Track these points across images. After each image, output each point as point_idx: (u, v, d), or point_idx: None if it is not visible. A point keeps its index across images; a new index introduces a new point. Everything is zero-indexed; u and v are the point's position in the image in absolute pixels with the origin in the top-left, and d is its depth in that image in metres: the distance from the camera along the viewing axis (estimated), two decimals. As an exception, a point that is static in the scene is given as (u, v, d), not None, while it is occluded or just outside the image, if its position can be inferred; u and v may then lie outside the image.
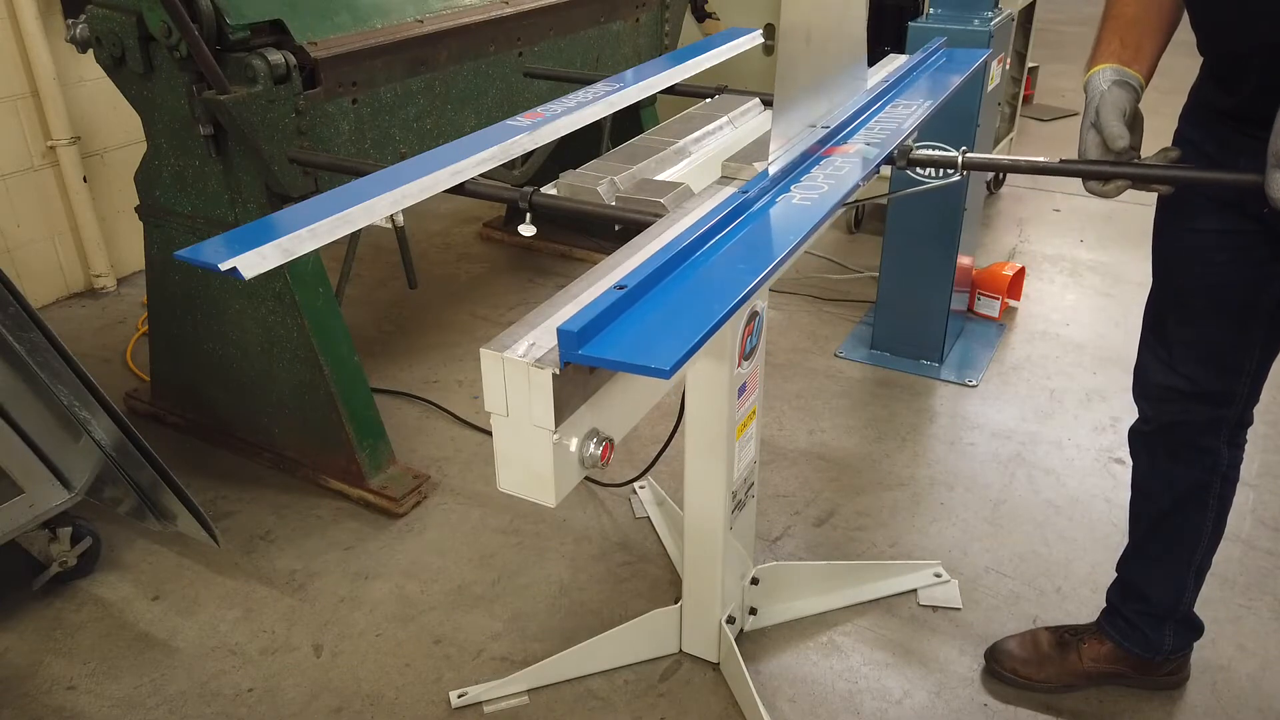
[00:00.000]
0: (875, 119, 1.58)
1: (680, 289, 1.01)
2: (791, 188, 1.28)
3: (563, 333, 0.87)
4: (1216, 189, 1.43)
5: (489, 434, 0.97)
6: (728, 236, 1.14)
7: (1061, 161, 1.38)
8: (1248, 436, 1.69)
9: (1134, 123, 1.33)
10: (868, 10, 1.55)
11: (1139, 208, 4.22)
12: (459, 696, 1.87)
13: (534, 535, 2.32)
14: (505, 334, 0.95)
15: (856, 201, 3.35)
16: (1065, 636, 1.89)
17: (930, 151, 1.49)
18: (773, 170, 1.29)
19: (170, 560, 2.26)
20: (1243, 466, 1.71)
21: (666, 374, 0.85)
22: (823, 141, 1.42)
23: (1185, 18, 1.42)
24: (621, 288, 0.95)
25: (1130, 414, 1.74)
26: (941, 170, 2.82)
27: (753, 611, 1.99)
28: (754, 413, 1.79)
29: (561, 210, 1.43)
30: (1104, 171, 1.33)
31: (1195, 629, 1.83)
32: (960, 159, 1.45)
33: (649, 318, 0.95)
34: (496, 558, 2.25)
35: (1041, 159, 1.42)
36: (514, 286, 3.64)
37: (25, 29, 3.18)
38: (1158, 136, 1.35)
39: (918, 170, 2.76)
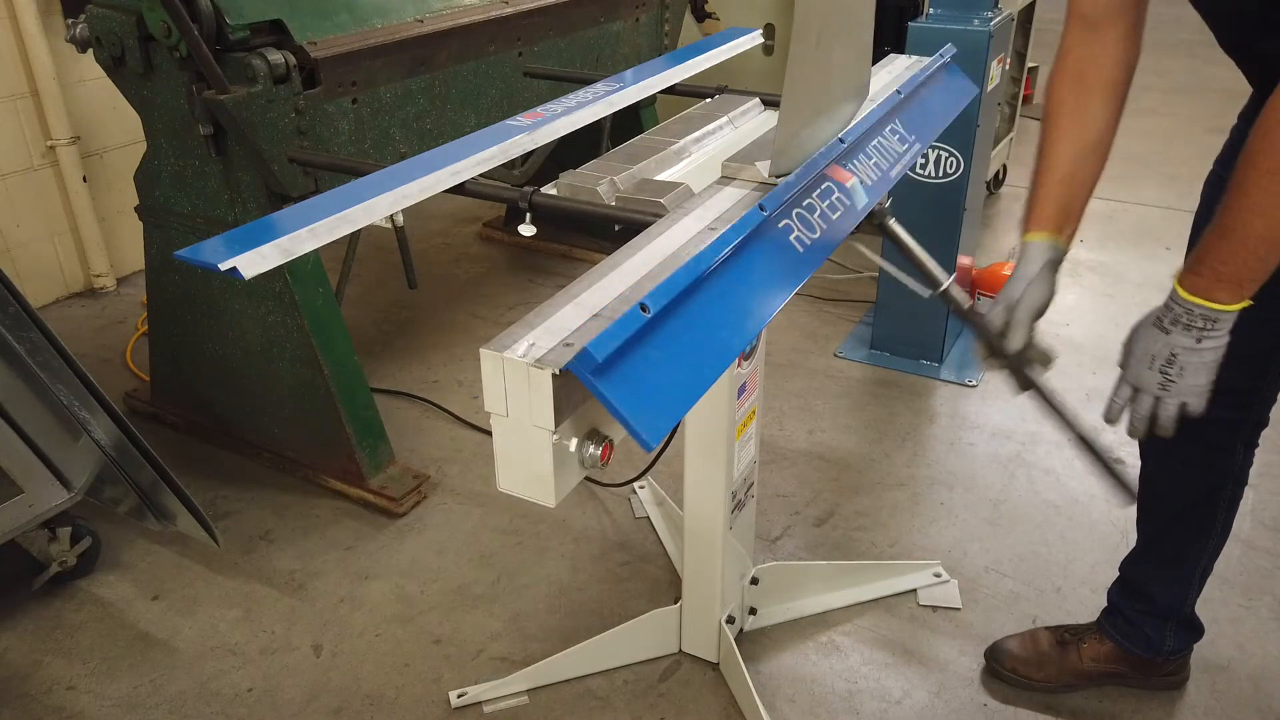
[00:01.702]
0: (876, 138, 1.54)
1: (685, 327, 1.00)
2: (793, 213, 1.26)
3: (587, 354, 0.86)
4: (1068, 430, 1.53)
5: (489, 434, 0.97)
6: (734, 261, 1.12)
7: (976, 310, 1.47)
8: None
9: (1042, 310, 1.41)
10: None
11: (1139, 208, 4.23)
12: (459, 696, 1.87)
13: (534, 535, 2.32)
14: (505, 334, 0.95)
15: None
16: (1065, 636, 1.89)
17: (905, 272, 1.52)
18: (779, 188, 1.27)
19: (170, 560, 2.26)
20: (1244, 467, 1.70)
21: (649, 447, 0.90)
22: (827, 155, 1.40)
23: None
24: (645, 309, 0.93)
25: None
26: (941, 169, 2.83)
27: (752, 611, 1.99)
28: (754, 413, 1.79)
29: (561, 210, 1.43)
30: (994, 350, 1.43)
31: (1196, 630, 1.83)
32: (945, 287, 1.51)
33: (656, 358, 0.94)
34: (496, 558, 2.25)
35: (974, 308, 1.50)
36: (514, 286, 3.64)
37: (25, 29, 3.18)
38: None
39: (917, 171, 2.78)
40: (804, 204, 1.27)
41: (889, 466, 2.56)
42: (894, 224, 1.55)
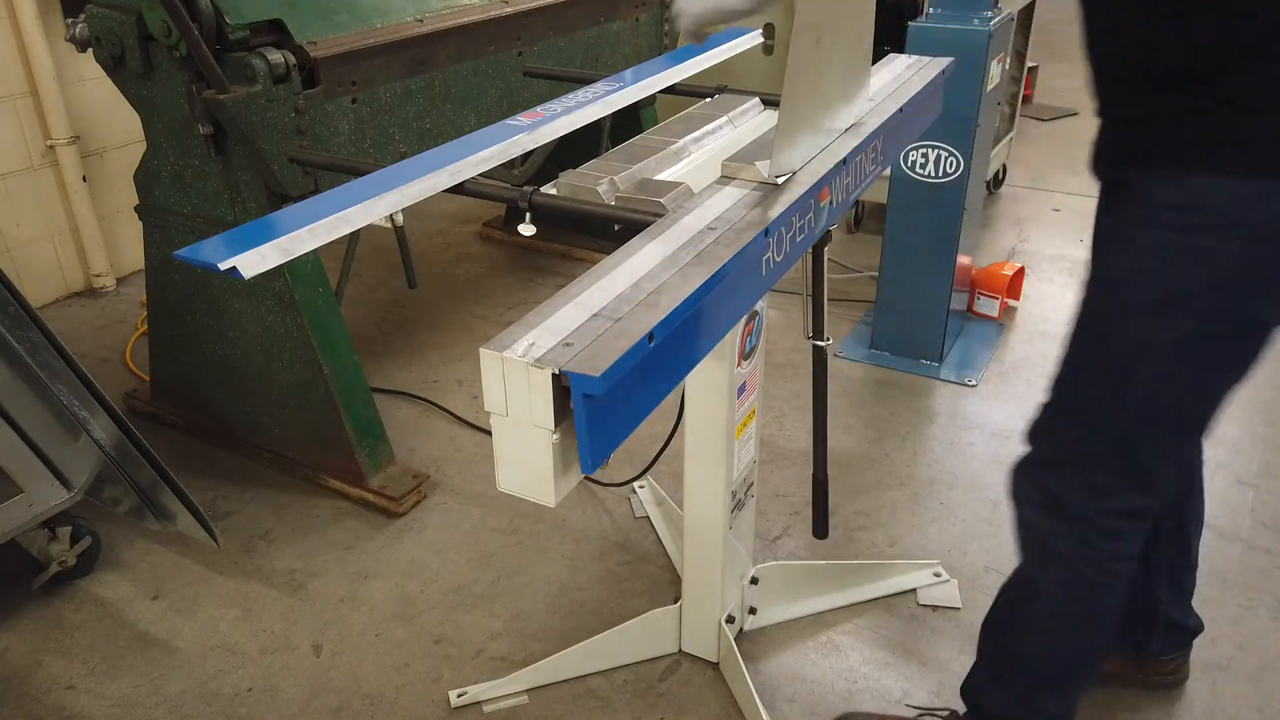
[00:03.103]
0: (860, 154, 1.52)
1: (659, 357, 1.00)
2: (779, 230, 1.26)
3: (590, 379, 0.88)
4: None
5: (489, 434, 0.97)
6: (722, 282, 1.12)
7: None
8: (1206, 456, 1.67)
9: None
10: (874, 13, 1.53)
11: (1139, 208, 4.22)
12: (458, 696, 1.87)
13: (534, 535, 2.32)
14: (505, 333, 0.95)
15: (857, 201, 3.36)
16: None
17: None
18: (783, 212, 1.27)
19: (170, 560, 2.26)
20: (1242, 466, 1.69)
21: (588, 470, 0.95)
22: (830, 174, 1.40)
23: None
24: (650, 339, 0.95)
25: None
26: (941, 169, 2.84)
27: (752, 611, 1.99)
28: (754, 413, 1.79)
29: (561, 210, 1.43)
30: None
31: (1187, 630, 1.82)
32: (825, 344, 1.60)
33: (628, 389, 0.96)
34: (496, 557, 2.25)
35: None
36: (513, 286, 3.64)
37: (25, 28, 3.18)
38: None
39: (917, 171, 2.77)
40: (787, 221, 1.28)
41: (889, 466, 2.56)
42: (826, 254, 1.57)
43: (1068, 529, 1.44)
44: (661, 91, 2.08)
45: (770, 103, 1.83)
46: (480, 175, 1.54)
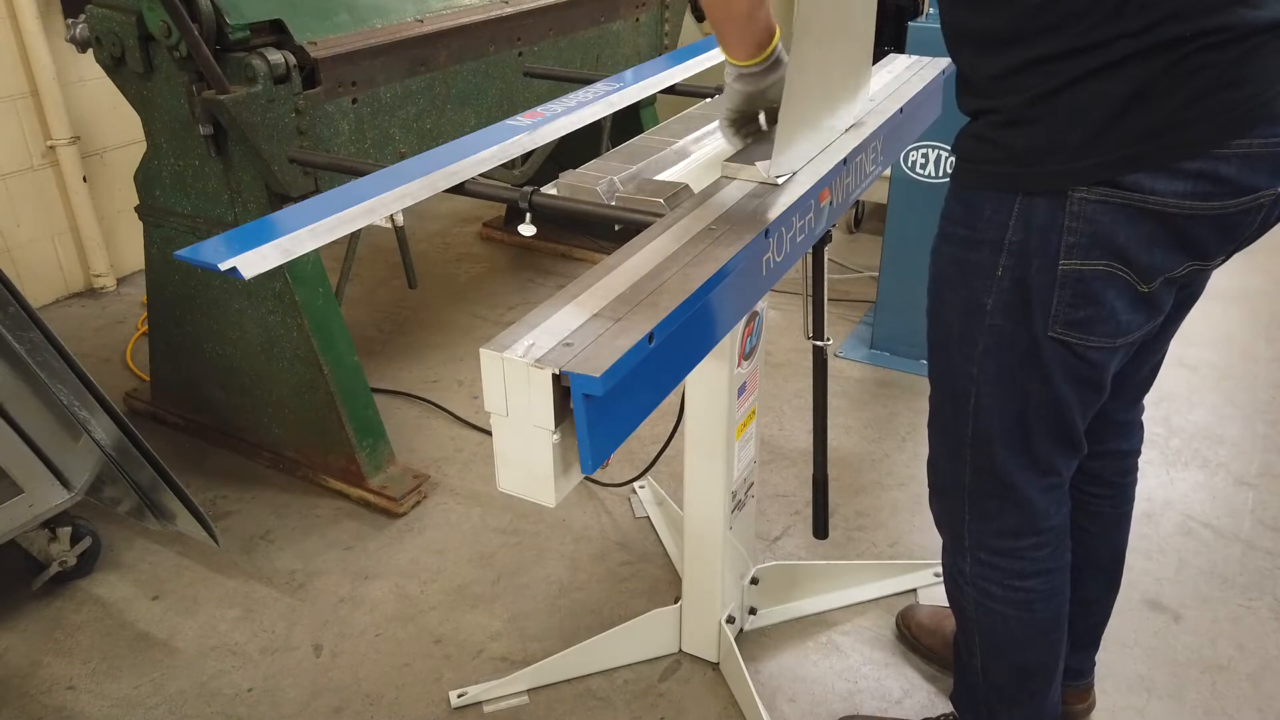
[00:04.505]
0: (860, 155, 1.52)
1: (659, 358, 1.01)
2: (780, 230, 1.25)
3: (591, 380, 0.88)
4: None
5: (489, 434, 0.98)
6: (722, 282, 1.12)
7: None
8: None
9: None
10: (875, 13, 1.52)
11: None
12: (459, 696, 1.87)
13: (534, 535, 2.32)
14: (505, 334, 0.95)
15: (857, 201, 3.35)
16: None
17: None
18: (777, 211, 1.26)
19: (170, 560, 2.26)
20: (1243, 466, 1.69)
21: (589, 470, 0.95)
22: (830, 175, 1.39)
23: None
24: (650, 339, 0.95)
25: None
26: (941, 169, 2.85)
27: (752, 611, 1.99)
28: (754, 413, 1.79)
29: (561, 210, 1.43)
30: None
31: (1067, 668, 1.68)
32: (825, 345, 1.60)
33: (628, 390, 0.96)
34: (496, 558, 2.25)
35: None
36: (514, 286, 3.64)
37: (25, 29, 3.18)
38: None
39: (917, 171, 2.77)
40: (787, 221, 1.27)
41: (889, 466, 2.56)
42: (826, 254, 1.57)
43: (966, 552, 1.46)
44: (661, 91, 2.08)
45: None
46: (480, 175, 1.55)
